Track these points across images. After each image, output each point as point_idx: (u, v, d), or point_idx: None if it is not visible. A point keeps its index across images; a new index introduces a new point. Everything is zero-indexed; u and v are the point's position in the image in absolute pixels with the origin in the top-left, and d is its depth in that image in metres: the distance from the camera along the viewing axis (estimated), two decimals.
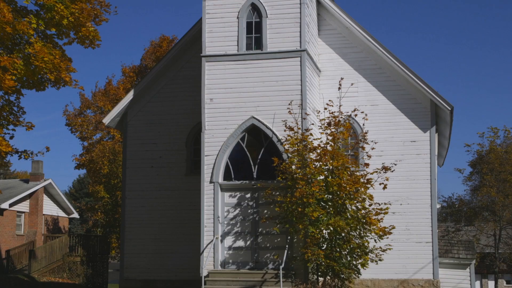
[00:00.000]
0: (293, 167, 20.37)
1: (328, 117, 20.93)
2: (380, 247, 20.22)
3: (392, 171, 21.03)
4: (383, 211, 20.07)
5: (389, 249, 20.53)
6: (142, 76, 43.53)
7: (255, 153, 22.09)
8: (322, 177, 20.17)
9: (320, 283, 20.50)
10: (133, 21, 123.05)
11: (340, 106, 21.64)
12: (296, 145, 20.54)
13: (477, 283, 54.33)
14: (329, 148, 20.39)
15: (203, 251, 21.52)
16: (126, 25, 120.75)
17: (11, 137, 20.93)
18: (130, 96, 25.38)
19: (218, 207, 21.72)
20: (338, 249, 19.74)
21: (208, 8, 22.40)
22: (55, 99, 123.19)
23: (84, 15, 20.40)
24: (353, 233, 19.90)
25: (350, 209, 19.98)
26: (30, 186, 47.34)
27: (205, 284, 20.85)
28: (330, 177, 20.01)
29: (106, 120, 25.61)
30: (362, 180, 20.19)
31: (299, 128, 21.06)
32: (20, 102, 21.32)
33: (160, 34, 57.78)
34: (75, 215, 54.42)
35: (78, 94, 49.57)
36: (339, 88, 22.05)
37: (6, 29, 18.37)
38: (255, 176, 21.93)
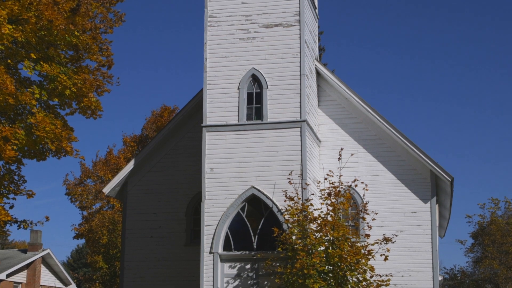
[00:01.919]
0: (294, 237, 20.23)
1: (329, 187, 20.91)
2: None
3: (393, 242, 20.89)
4: (384, 283, 19.83)
5: None
6: (143, 146, 43.74)
7: (255, 223, 21.97)
8: (322, 248, 20.01)
9: None
10: (135, 90, 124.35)
11: (340, 176, 21.66)
12: (297, 216, 20.45)
13: None
14: (329, 218, 20.30)
15: None
16: (127, 94, 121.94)
17: (11, 207, 20.85)
18: (130, 165, 25.43)
19: (217, 278, 21.46)
20: None
21: (209, 79, 22.68)
22: (55, 168, 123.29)
23: (86, 86, 20.64)
24: None
25: (351, 280, 19.74)
26: (28, 256, 46.91)
27: None
28: (330, 248, 19.85)
29: (106, 189, 25.60)
30: (363, 251, 20.03)
31: (300, 198, 21.01)
32: (20, 171, 21.35)
33: (161, 104, 58.35)
34: (73, 286, 53.73)
35: (79, 163, 49.72)
36: (339, 159, 22.11)
37: (8, 100, 18.55)
38: (255, 246, 21.75)
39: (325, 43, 40.93)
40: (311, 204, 20.72)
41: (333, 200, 20.55)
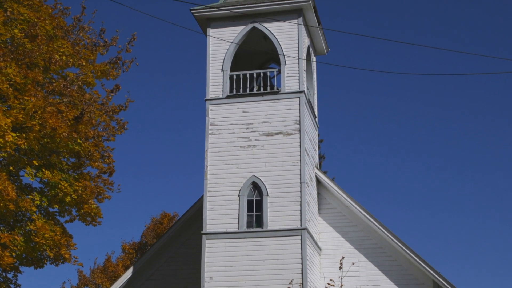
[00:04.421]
0: None
1: None
2: None
3: None
4: None
5: None
6: (142, 253, 43.32)
7: None
8: None
9: None
10: (135, 197, 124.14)
11: (341, 286, 21.29)
12: None
13: None
14: None
15: None
16: (127, 200, 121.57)
17: None
18: (129, 273, 25.07)
19: None
20: None
21: (210, 186, 22.72)
22: (52, 275, 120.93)
23: (87, 193, 20.65)
24: None
25: None
26: None
27: None
28: None
29: None
30: None
31: None
32: (17, 279, 21.06)
33: (161, 211, 58.08)
34: None
35: (76, 270, 48.92)
36: (340, 267, 21.79)
37: (9, 207, 18.53)
38: None
39: (325, 151, 41.27)
40: None
41: None
